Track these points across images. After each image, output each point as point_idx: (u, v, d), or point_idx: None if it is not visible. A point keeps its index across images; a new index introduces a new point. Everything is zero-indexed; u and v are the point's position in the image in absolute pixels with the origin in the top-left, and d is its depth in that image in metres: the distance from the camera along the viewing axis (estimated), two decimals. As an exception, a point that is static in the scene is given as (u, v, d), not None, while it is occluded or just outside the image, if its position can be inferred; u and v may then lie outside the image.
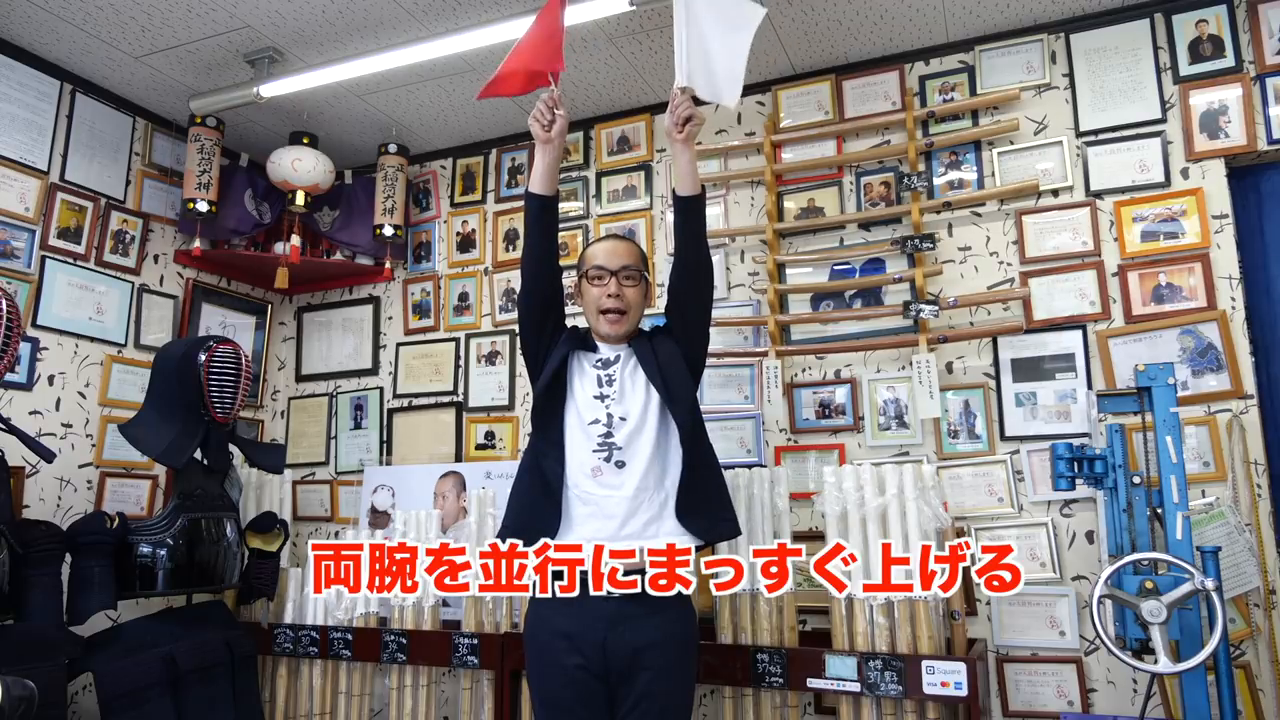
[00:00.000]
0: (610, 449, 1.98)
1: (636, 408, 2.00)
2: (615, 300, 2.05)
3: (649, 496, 1.95)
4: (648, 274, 2.14)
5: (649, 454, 1.97)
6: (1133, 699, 2.43)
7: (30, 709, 1.55)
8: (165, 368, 2.63)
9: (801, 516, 2.81)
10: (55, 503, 2.91)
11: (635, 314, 2.10)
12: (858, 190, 2.98)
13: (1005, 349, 2.71)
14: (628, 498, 1.94)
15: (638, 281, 2.09)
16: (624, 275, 2.06)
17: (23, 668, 2.03)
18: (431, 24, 2.79)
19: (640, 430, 1.98)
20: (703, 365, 2.13)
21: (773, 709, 2.26)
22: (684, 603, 1.98)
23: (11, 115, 2.86)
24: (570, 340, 2.10)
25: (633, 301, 2.07)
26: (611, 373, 2.05)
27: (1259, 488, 2.39)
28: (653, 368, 2.01)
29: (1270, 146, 2.53)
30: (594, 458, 1.98)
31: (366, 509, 3.42)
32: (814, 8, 2.73)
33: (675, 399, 1.98)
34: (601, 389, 2.03)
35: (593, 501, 1.96)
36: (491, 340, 3.46)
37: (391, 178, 3.46)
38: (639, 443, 1.98)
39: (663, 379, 2.00)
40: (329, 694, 2.72)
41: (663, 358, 2.03)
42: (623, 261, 2.07)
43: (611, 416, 2.00)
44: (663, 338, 2.10)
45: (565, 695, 1.93)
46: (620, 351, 2.09)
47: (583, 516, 1.96)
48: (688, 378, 2.03)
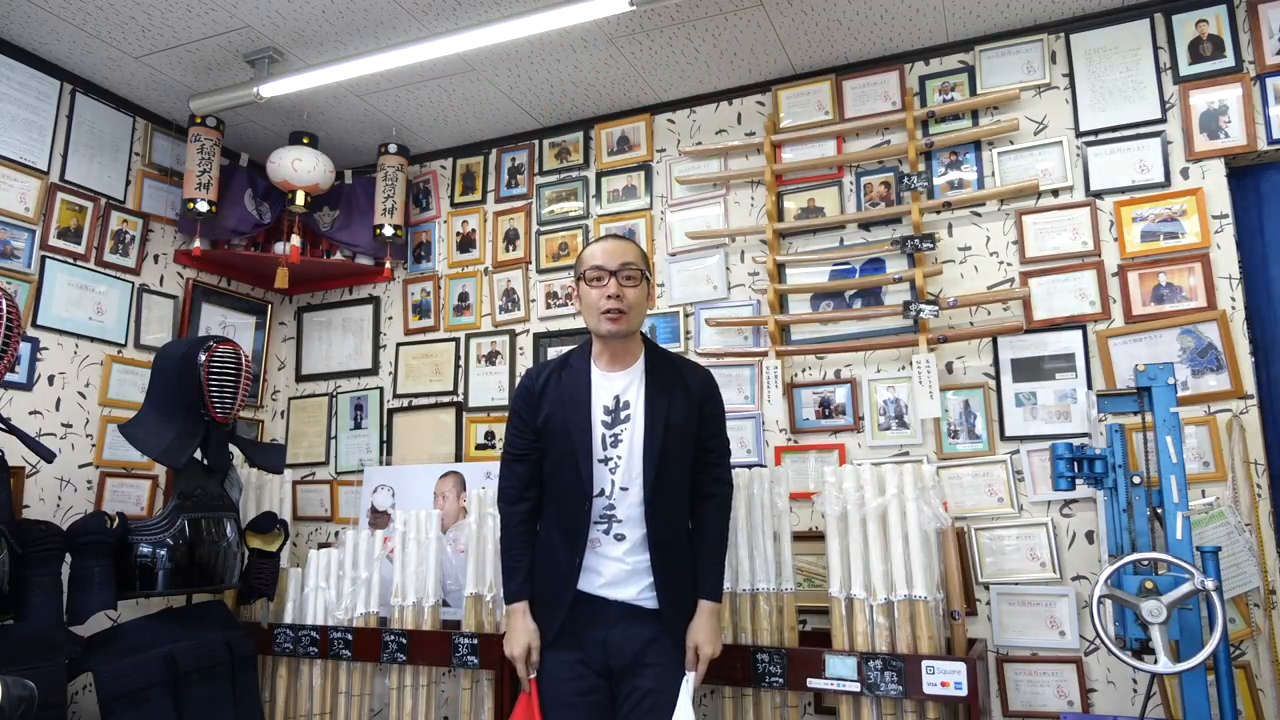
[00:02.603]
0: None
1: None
2: (615, 301, 1.98)
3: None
4: (649, 273, 2.10)
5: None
6: (1133, 699, 2.43)
7: (30, 709, 1.55)
8: (165, 368, 2.62)
9: (801, 516, 2.81)
10: (55, 503, 2.91)
11: (638, 315, 2.05)
12: (858, 190, 2.99)
13: (1005, 349, 2.71)
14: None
15: (638, 281, 2.03)
16: (624, 275, 1.99)
17: (23, 668, 2.03)
18: (431, 24, 2.79)
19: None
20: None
21: (773, 709, 2.26)
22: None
23: (11, 115, 2.86)
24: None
25: (637, 300, 2.02)
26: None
27: (1259, 488, 2.39)
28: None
29: (1270, 146, 2.53)
30: None
31: (366, 509, 3.42)
32: (814, 8, 2.73)
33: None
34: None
35: None
36: (491, 340, 3.46)
37: (391, 178, 3.46)
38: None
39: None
40: (329, 694, 2.72)
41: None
42: (622, 259, 2.00)
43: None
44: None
45: (566, 690, 1.95)
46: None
47: None
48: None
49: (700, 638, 1.97)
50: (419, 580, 2.67)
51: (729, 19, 2.78)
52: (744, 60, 3.03)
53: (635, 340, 2.09)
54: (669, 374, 2.06)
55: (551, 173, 3.49)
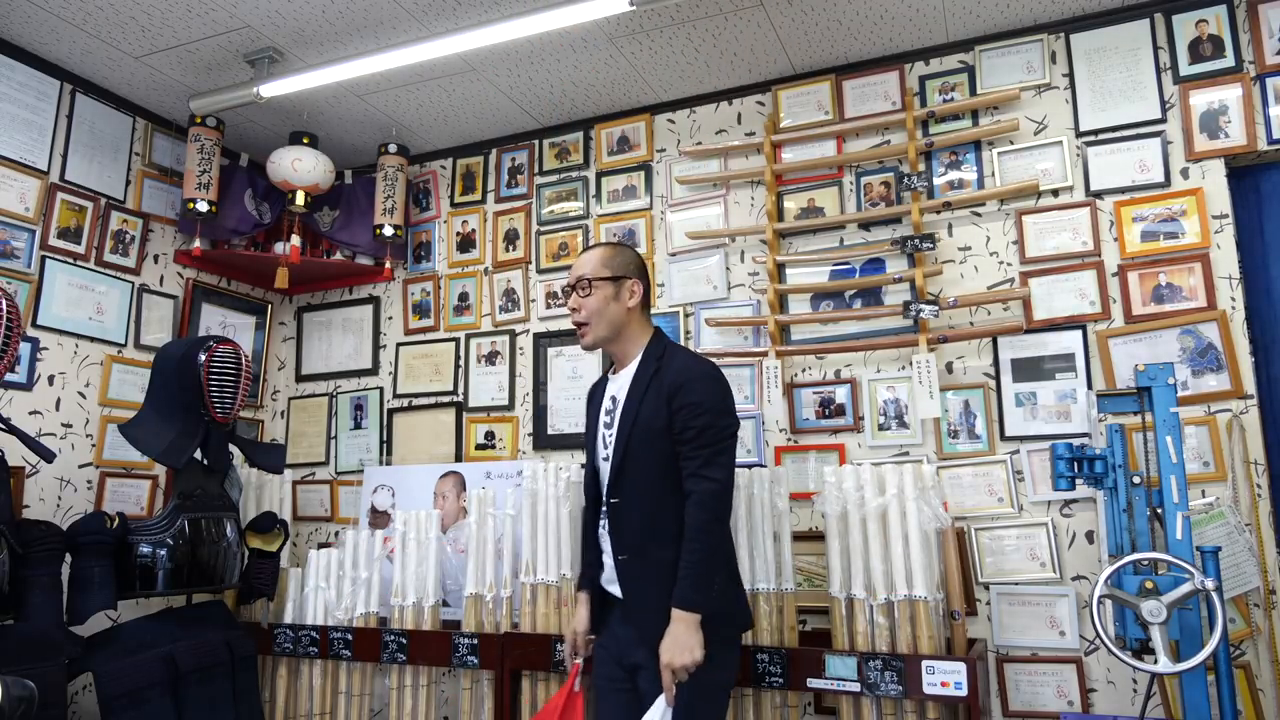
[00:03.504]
0: None
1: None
2: (574, 314, 2.08)
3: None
4: (613, 275, 2.06)
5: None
6: (1133, 699, 2.43)
7: (30, 709, 1.55)
8: (165, 368, 2.63)
9: (801, 516, 2.81)
10: (55, 503, 2.91)
11: (604, 321, 2.05)
12: (858, 190, 2.98)
13: (1005, 349, 2.71)
14: None
15: (590, 290, 2.04)
16: (579, 289, 2.06)
17: (23, 668, 2.03)
18: (431, 24, 2.79)
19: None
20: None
21: (773, 709, 2.26)
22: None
23: (11, 115, 2.86)
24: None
25: (596, 307, 2.04)
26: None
27: (1259, 488, 2.39)
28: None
29: (1270, 146, 2.53)
30: None
31: (366, 509, 3.42)
32: (814, 8, 2.73)
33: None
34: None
35: None
36: (491, 340, 3.46)
37: (391, 178, 3.46)
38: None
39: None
40: (329, 694, 2.72)
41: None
42: (575, 275, 2.08)
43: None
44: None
45: (599, 675, 2.08)
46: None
47: None
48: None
49: (663, 648, 1.83)
50: (419, 580, 2.67)
51: (729, 19, 2.78)
52: (744, 60, 3.03)
53: (632, 341, 2.09)
54: (652, 370, 2.03)
55: (551, 173, 3.49)
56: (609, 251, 2.09)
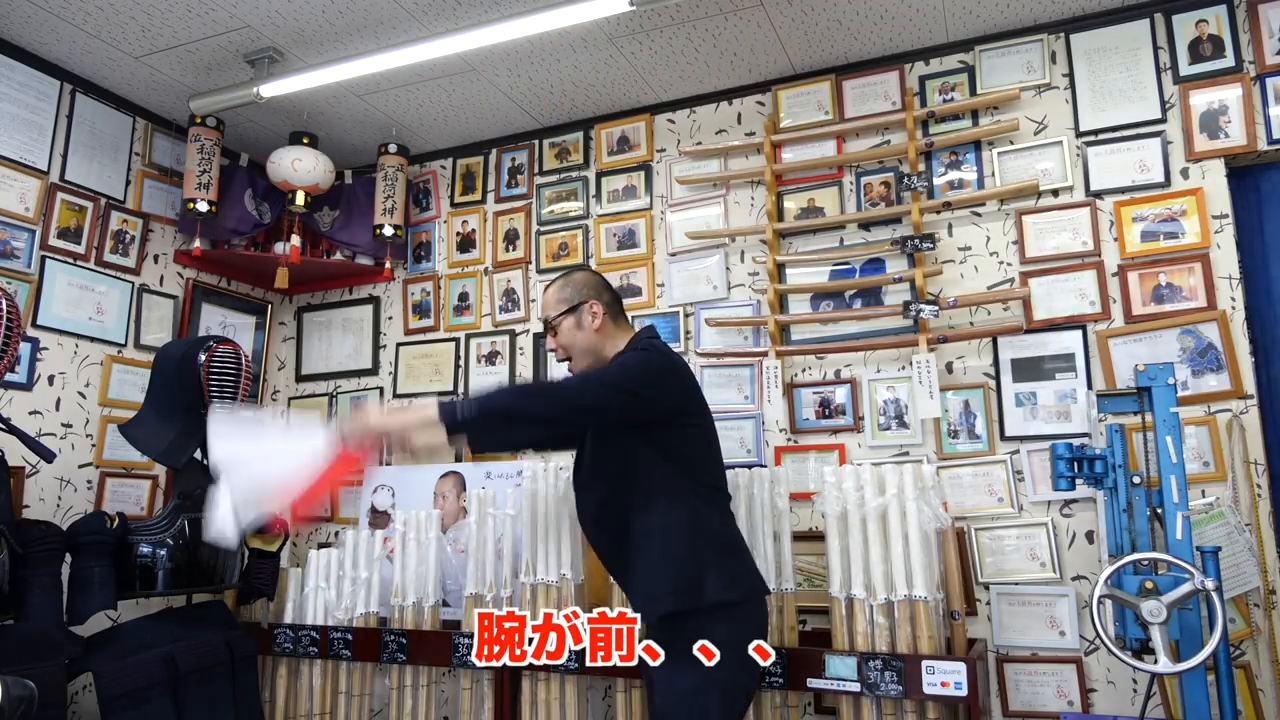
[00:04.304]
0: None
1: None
2: (553, 352, 2.15)
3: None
4: (568, 306, 2.08)
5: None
6: (1133, 699, 2.43)
7: (30, 709, 1.54)
8: (165, 368, 2.62)
9: (801, 516, 2.81)
10: (55, 503, 2.91)
11: (579, 350, 2.08)
12: (858, 190, 2.98)
13: (1005, 349, 2.71)
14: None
15: (557, 329, 2.10)
16: (549, 332, 2.12)
17: (23, 668, 2.03)
18: (431, 24, 2.79)
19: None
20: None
21: (773, 709, 2.25)
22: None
23: (11, 115, 2.86)
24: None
25: (566, 341, 2.09)
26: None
27: (1259, 488, 2.39)
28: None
29: (1270, 146, 2.53)
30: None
31: (366, 509, 3.42)
32: (814, 8, 2.73)
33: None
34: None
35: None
36: (491, 340, 3.46)
37: (391, 178, 3.46)
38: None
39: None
40: (329, 694, 2.72)
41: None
42: (543, 319, 2.15)
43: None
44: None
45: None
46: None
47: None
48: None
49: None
50: (419, 580, 2.67)
51: (729, 19, 2.78)
52: (744, 60, 3.03)
53: (613, 351, 2.07)
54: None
55: (551, 173, 3.49)
56: (559, 285, 2.14)
